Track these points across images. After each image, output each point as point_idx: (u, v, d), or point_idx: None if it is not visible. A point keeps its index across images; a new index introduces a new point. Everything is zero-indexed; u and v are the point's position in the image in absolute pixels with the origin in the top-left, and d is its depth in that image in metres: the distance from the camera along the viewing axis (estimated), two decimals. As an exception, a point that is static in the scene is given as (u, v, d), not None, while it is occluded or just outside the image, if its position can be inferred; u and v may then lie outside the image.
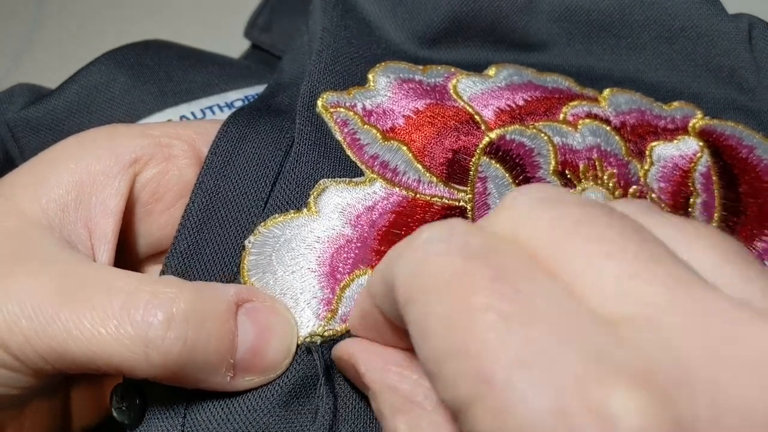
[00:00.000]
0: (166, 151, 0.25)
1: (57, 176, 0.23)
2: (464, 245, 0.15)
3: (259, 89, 0.36)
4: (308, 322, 0.24)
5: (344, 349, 0.22)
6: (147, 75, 0.35)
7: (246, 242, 0.25)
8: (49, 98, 0.33)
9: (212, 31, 0.56)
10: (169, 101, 0.34)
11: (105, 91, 0.34)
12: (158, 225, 0.26)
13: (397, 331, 0.20)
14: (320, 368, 0.23)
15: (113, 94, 0.34)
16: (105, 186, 0.24)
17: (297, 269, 0.25)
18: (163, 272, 0.24)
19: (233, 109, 0.34)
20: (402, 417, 0.19)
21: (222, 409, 0.23)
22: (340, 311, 0.24)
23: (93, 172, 0.24)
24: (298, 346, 0.24)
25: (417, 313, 0.15)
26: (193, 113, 0.34)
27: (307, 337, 0.24)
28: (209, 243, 0.25)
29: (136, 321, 0.20)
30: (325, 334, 0.24)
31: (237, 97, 0.36)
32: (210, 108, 0.35)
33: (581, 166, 0.28)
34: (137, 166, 0.25)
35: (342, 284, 0.25)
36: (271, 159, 0.27)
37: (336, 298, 0.24)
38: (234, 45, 0.48)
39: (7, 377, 0.21)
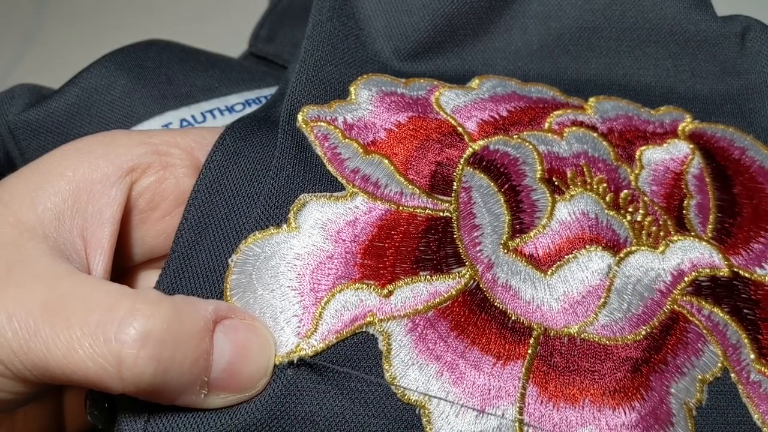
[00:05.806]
0: (164, 159, 0.25)
1: (54, 184, 0.23)
2: None
3: (259, 93, 0.36)
4: (287, 341, 0.23)
5: None
6: (148, 78, 0.35)
7: (230, 261, 0.24)
8: (49, 100, 0.33)
9: (213, 31, 0.55)
10: (170, 104, 0.34)
11: (105, 94, 0.34)
12: (153, 233, 0.26)
13: None
14: (298, 387, 0.22)
15: (113, 97, 0.34)
16: (102, 195, 0.23)
17: (277, 287, 0.24)
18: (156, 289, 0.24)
19: (234, 113, 0.34)
20: None
21: (185, 417, 0.22)
22: (320, 329, 0.23)
23: (90, 180, 0.23)
24: (276, 365, 0.23)
25: None
26: (193, 117, 0.34)
27: (285, 356, 0.23)
28: (199, 262, 0.24)
29: (109, 339, 0.20)
30: (304, 353, 0.23)
31: (238, 101, 0.35)
32: (210, 112, 0.34)
33: (569, 173, 0.27)
34: (135, 174, 0.24)
35: (323, 301, 0.24)
36: (265, 175, 0.26)
37: (317, 315, 0.23)
38: (235, 45, 0.47)
39: None
